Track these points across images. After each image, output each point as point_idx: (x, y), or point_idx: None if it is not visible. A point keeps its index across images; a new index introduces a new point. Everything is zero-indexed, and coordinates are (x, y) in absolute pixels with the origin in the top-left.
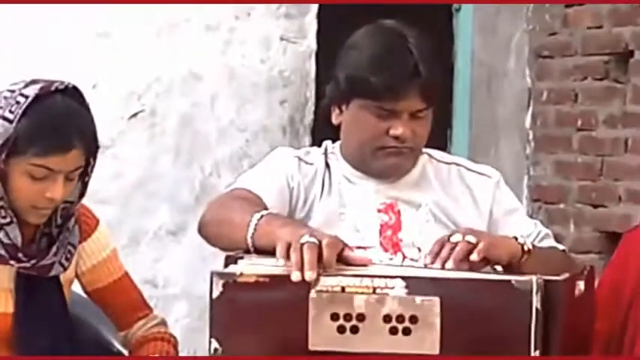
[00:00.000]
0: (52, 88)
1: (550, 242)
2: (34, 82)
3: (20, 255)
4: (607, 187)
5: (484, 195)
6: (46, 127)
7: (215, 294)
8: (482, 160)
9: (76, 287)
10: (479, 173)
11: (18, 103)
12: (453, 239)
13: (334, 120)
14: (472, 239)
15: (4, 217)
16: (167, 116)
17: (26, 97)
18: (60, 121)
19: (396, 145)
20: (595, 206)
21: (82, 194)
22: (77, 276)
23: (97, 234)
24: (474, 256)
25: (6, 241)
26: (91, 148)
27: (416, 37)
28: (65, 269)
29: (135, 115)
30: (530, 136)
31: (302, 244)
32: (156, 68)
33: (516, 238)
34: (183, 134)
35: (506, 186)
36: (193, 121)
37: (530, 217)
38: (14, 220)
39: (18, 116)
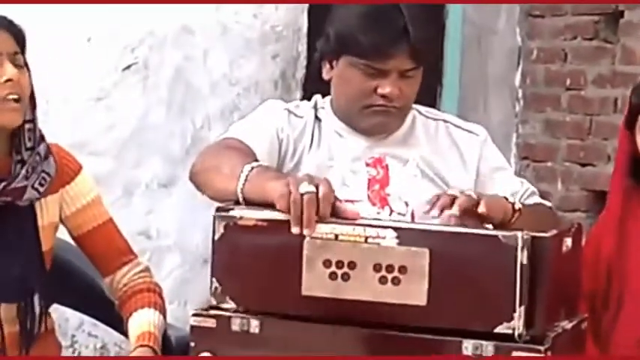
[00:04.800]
0: None
1: (536, 199)
2: None
3: None
4: (595, 146)
5: (471, 152)
6: None
7: (217, 235)
8: (471, 118)
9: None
10: (466, 130)
11: None
12: (451, 192)
13: (325, 75)
14: (473, 195)
15: None
16: (160, 69)
17: None
18: None
19: (383, 103)
20: (583, 165)
21: (34, 107)
22: (62, 222)
23: (80, 178)
24: (481, 208)
25: None
26: (17, 36)
27: None
28: (40, 194)
29: (128, 67)
30: (520, 95)
31: (302, 195)
32: (149, 21)
33: (506, 198)
34: (176, 87)
35: (494, 144)
36: (186, 74)
37: (518, 175)
38: None
39: None
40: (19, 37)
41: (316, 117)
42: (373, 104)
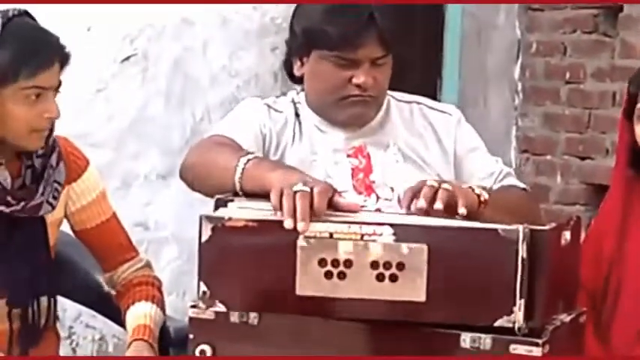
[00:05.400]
0: (10, 15)
1: (511, 181)
2: None
3: (9, 198)
4: (594, 139)
5: (447, 133)
6: (28, 48)
7: (204, 237)
8: (471, 111)
9: (67, 228)
10: (440, 111)
11: None
12: (430, 183)
13: (296, 72)
14: (449, 187)
15: None
16: (159, 60)
17: None
18: (37, 39)
19: (359, 93)
20: (582, 158)
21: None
22: (66, 216)
23: (87, 174)
24: (461, 210)
25: None
26: (64, 65)
27: None
28: (53, 208)
29: (127, 58)
30: (519, 88)
31: (295, 192)
32: (149, 12)
33: (473, 190)
34: (175, 79)
35: (467, 123)
36: (185, 65)
37: (518, 168)
38: (2, 161)
39: None
40: (65, 64)
41: (296, 113)
42: (349, 95)
